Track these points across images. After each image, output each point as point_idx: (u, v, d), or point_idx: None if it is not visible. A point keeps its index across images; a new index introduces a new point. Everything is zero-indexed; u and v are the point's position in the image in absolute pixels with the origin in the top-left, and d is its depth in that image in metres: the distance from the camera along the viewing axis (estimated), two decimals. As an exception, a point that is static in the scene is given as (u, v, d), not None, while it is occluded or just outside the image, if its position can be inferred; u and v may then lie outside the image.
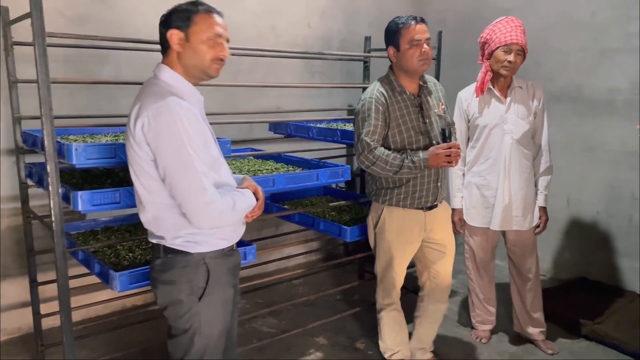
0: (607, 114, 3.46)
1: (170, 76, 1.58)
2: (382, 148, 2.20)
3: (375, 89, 2.26)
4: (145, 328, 2.86)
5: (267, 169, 2.71)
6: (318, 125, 3.15)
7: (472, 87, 2.74)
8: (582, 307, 3.15)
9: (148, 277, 1.87)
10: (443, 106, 2.37)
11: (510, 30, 2.53)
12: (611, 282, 3.51)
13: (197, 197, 1.48)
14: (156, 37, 1.65)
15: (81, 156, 1.91)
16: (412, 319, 2.65)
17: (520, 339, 2.93)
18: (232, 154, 2.67)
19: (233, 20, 3.47)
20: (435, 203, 2.36)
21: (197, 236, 1.59)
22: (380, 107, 2.20)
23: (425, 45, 2.18)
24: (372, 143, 2.18)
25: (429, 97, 2.32)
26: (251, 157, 3.08)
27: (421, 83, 2.31)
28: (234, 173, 2.49)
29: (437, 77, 3.17)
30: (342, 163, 3.11)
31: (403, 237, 2.35)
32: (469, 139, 2.80)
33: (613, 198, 3.48)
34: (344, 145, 3.73)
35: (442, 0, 4.44)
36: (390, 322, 2.51)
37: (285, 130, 3.22)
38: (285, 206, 3.18)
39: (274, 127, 3.30)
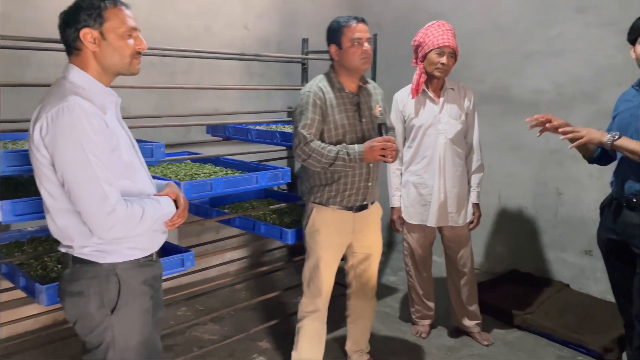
0: (532, 113, 3.59)
1: (80, 77, 1.48)
2: (318, 141, 2.20)
3: (315, 83, 2.28)
4: (78, 342, 2.73)
5: (205, 173, 2.66)
6: (257, 127, 3.12)
7: (407, 89, 2.82)
8: (514, 298, 3.31)
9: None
10: (380, 108, 2.39)
11: (442, 33, 2.62)
12: (540, 273, 3.70)
13: (97, 206, 1.39)
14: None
15: (1, 164, 1.80)
16: (344, 321, 2.66)
17: (458, 332, 3.03)
18: (168, 158, 2.59)
19: (166, 20, 3.42)
20: (365, 203, 2.36)
21: (106, 245, 1.50)
22: (318, 101, 2.21)
23: (366, 44, 2.21)
24: (308, 136, 2.18)
25: (367, 98, 2.35)
26: (188, 161, 3.01)
27: (361, 84, 2.34)
28: (170, 178, 2.44)
29: (374, 79, 3.22)
30: (282, 165, 3.10)
31: (332, 238, 2.34)
32: (405, 139, 2.88)
33: (540, 193, 3.67)
34: (284, 147, 3.71)
35: (377, 3, 4.52)
36: (310, 334, 2.43)
37: (224, 132, 3.17)
38: (225, 210, 3.13)
39: (212, 129, 3.24)
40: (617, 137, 2.00)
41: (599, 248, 2.38)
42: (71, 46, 1.49)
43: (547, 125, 2.17)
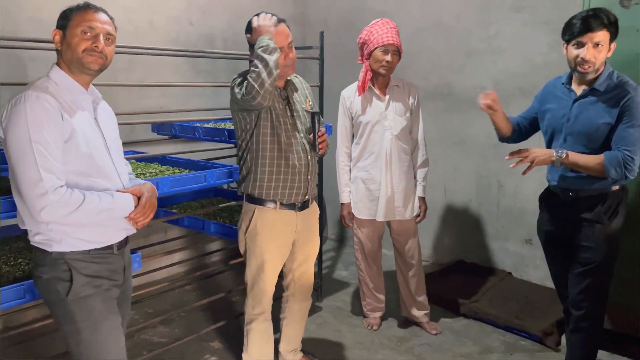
0: (474, 109, 3.74)
1: (55, 74, 1.61)
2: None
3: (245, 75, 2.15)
4: (21, 350, 2.61)
5: (150, 173, 2.60)
6: (204, 125, 3.07)
7: (354, 86, 2.86)
8: (460, 288, 3.43)
9: (18, 294, 1.91)
10: (310, 102, 2.36)
11: (386, 31, 2.67)
12: (484, 263, 3.85)
13: (30, 187, 1.48)
14: (21, 35, 1.63)
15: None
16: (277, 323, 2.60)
17: (407, 323, 3.11)
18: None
19: (106, 15, 3.29)
20: (307, 198, 2.33)
21: (52, 233, 1.58)
22: None
23: (286, 49, 2.13)
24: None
25: (295, 93, 2.30)
26: (133, 161, 2.92)
27: (287, 78, 2.27)
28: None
29: (321, 77, 3.25)
30: (231, 163, 3.06)
31: (276, 239, 2.29)
32: (353, 135, 2.92)
33: (482, 186, 3.82)
34: (233, 145, 3.67)
35: (324, 1, 4.55)
36: (260, 334, 2.41)
37: (170, 131, 3.09)
38: (174, 210, 3.07)
39: (157, 128, 3.16)
40: (563, 154, 2.06)
41: (539, 239, 2.48)
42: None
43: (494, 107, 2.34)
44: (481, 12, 3.65)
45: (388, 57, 2.67)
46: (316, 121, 2.21)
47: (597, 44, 2.00)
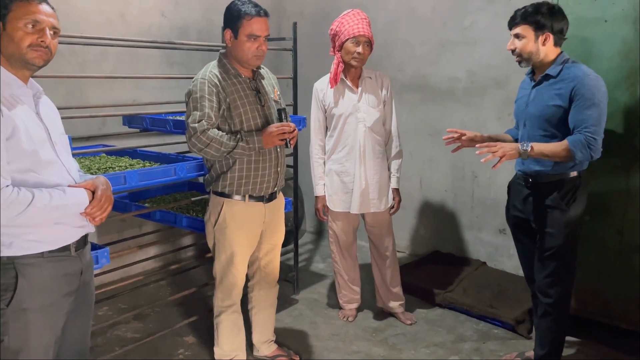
0: (449, 100, 3.80)
1: None
2: (216, 129, 2.12)
3: (208, 70, 2.18)
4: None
5: (120, 166, 2.56)
6: (177, 117, 3.02)
7: (327, 78, 2.84)
8: (435, 278, 3.45)
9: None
10: (278, 93, 2.36)
11: (357, 22, 2.66)
12: (460, 253, 3.88)
13: None
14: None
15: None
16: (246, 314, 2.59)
17: (383, 314, 3.13)
18: (80, 151, 2.46)
19: (75, 7, 3.24)
20: (275, 189, 2.34)
21: (2, 237, 1.46)
22: (214, 89, 2.13)
23: (262, 41, 2.15)
24: (205, 124, 2.09)
25: (263, 82, 2.31)
26: (103, 154, 2.88)
27: (254, 68, 2.28)
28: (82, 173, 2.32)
29: (295, 69, 3.23)
30: (204, 156, 3.04)
31: (245, 231, 2.29)
32: (327, 128, 2.91)
33: (457, 177, 3.84)
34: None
35: (300, -9, 4.52)
36: (230, 326, 2.41)
37: (141, 124, 3.04)
38: (146, 204, 3.03)
39: (129, 120, 3.10)
40: (528, 147, 2.09)
41: (507, 224, 2.55)
42: None
43: (463, 139, 2.38)
44: (456, 3, 3.65)
45: (359, 49, 2.66)
46: (283, 117, 2.21)
47: (517, 36, 2.21)
